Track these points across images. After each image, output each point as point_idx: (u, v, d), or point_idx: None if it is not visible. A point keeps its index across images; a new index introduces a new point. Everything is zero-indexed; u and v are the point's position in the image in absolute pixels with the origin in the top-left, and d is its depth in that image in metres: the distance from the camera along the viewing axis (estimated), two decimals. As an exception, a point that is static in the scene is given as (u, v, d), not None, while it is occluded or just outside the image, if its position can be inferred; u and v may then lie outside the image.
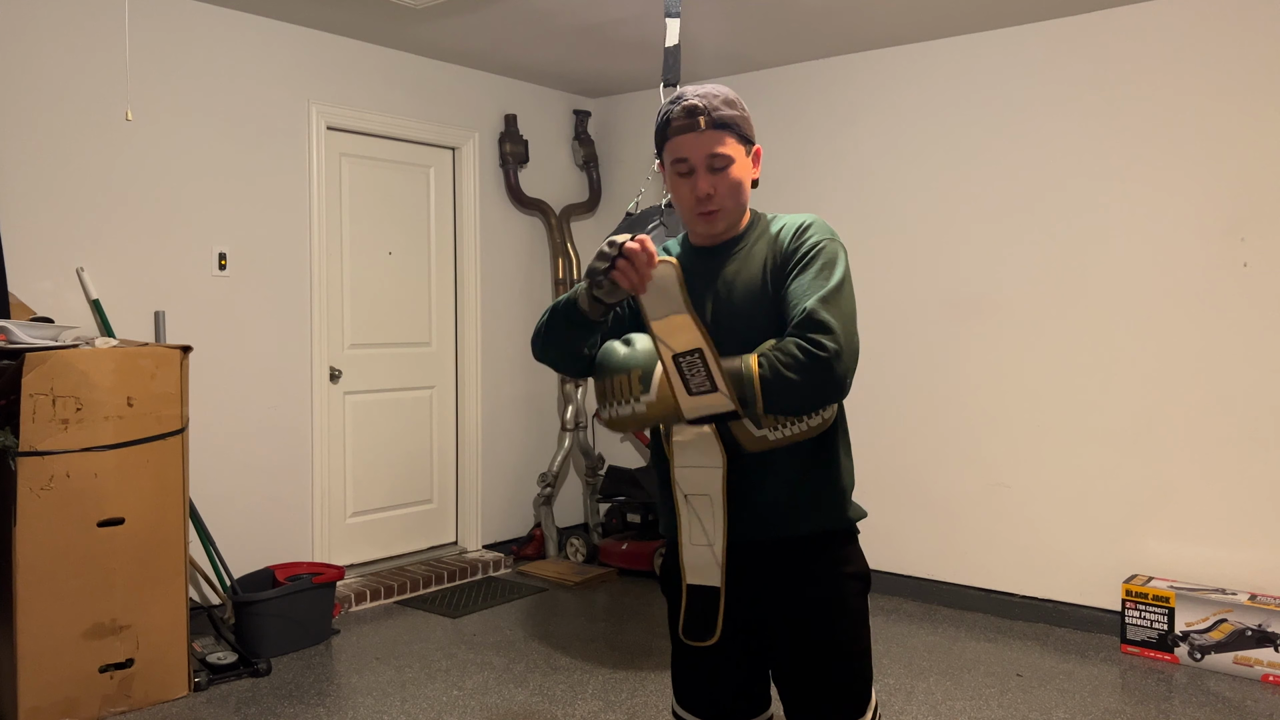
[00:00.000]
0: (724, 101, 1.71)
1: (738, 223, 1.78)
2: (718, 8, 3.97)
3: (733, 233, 1.78)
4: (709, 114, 1.68)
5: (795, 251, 1.69)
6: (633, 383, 1.63)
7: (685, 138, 1.69)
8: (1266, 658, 3.53)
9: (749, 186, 1.76)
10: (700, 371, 1.58)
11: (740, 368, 1.58)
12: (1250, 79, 3.68)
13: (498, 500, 5.21)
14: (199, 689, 3.40)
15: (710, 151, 1.68)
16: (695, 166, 1.69)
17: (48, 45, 3.57)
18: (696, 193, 1.70)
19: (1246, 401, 3.71)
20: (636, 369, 1.63)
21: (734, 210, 1.74)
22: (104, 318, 3.65)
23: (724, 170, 1.70)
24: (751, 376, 1.56)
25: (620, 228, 3.64)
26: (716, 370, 1.57)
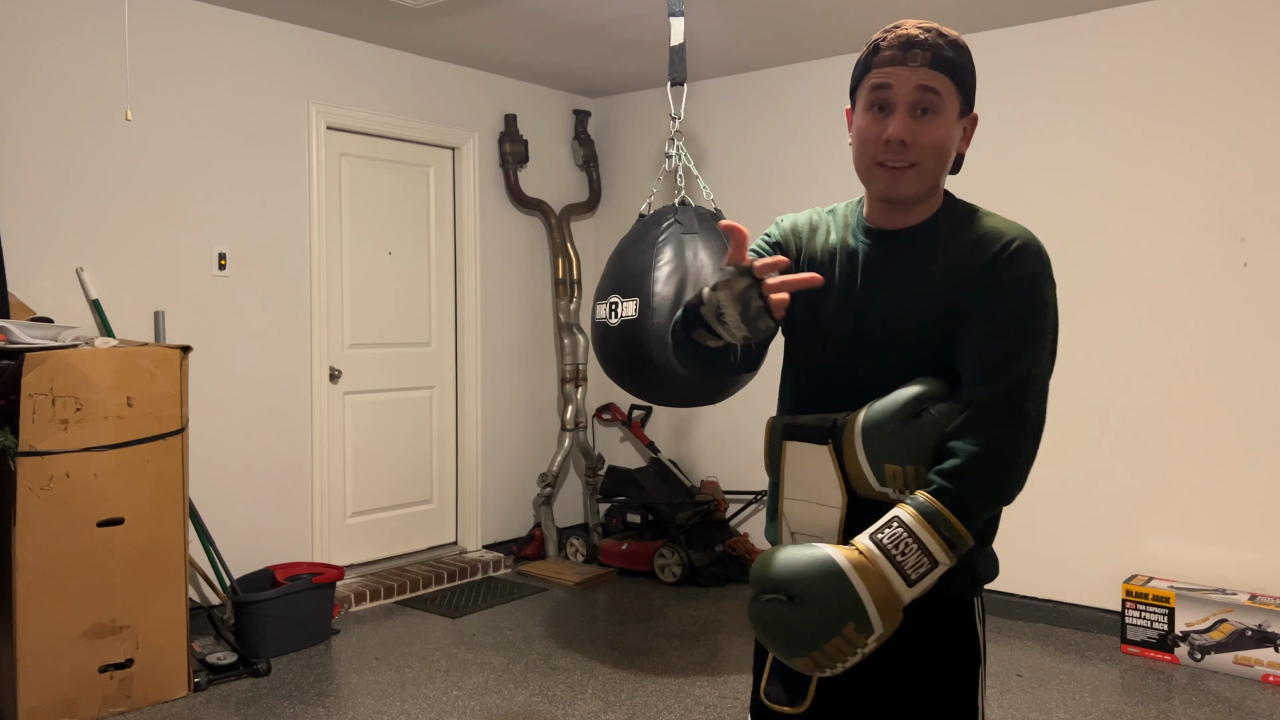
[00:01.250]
0: (952, 44, 1.38)
1: (928, 201, 1.43)
2: (718, 8, 3.97)
3: (916, 219, 1.44)
4: (932, 50, 1.36)
5: (995, 283, 1.35)
6: (851, 638, 1.26)
7: (894, 69, 1.37)
8: (1266, 658, 3.53)
9: (951, 156, 1.41)
10: (911, 546, 1.27)
11: (935, 523, 1.27)
12: (1250, 79, 3.68)
13: (498, 500, 5.21)
14: (199, 689, 3.40)
15: (918, 94, 1.36)
16: (896, 102, 1.37)
17: (48, 45, 3.56)
18: (888, 134, 1.36)
19: (1247, 401, 3.71)
20: (847, 621, 1.25)
21: (930, 174, 1.39)
22: (104, 318, 3.65)
23: (931, 116, 1.37)
24: (954, 529, 1.27)
25: (634, 229, 3.61)
26: (926, 534, 1.26)
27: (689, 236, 3.42)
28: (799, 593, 1.27)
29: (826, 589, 1.26)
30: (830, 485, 1.38)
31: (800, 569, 1.28)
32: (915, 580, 1.26)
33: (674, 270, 3.36)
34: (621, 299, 3.41)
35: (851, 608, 1.25)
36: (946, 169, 1.42)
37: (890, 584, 1.25)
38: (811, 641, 1.26)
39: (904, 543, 1.26)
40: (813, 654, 1.27)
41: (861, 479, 1.36)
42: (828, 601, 1.25)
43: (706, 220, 3.51)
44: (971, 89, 1.41)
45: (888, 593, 1.25)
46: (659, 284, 3.34)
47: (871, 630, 1.25)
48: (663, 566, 4.78)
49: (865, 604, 1.24)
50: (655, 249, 3.41)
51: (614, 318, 3.42)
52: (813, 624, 1.26)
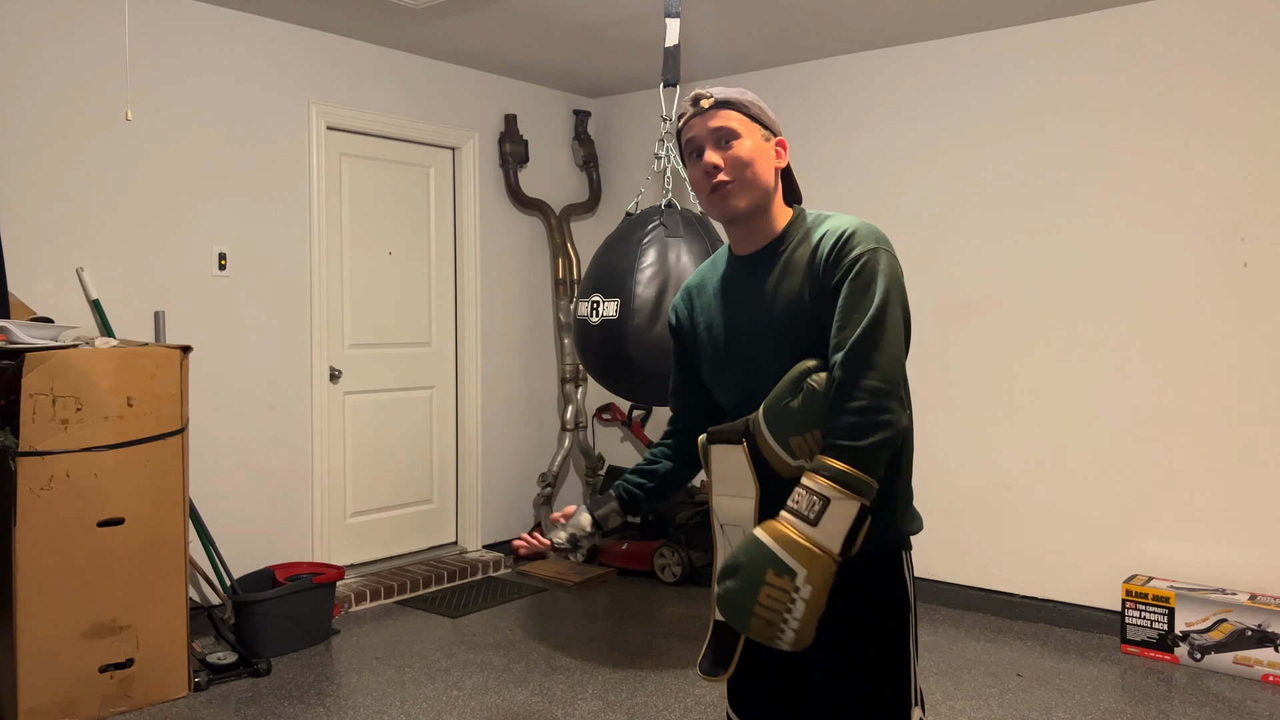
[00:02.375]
0: (734, 91, 1.68)
1: (766, 218, 1.67)
2: (717, 8, 3.97)
3: (767, 237, 1.68)
4: (712, 96, 1.66)
5: (836, 268, 1.57)
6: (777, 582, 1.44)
7: (692, 121, 1.67)
8: (1266, 658, 3.53)
9: (769, 171, 1.65)
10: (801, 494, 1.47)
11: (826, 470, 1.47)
12: (1251, 79, 3.68)
13: (498, 500, 5.21)
14: (199, 689, 3.40)
15: (716, 126, 1.64)
16: (702, 145, 1.65)
17: (48, 45, 3.57)
18: (704, 165, 1.63)
19: (1246, 401, 3.71)
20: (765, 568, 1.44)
21: (749, 187, 1.63)
22: (104, 318, 3.65)
23: (731, 144, 1.63)
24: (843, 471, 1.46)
25: (620, 228, 3.64)
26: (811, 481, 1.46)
27: (673, 240, 3.44)
28: (729, 567, 1.50)
29: (741, 552, 1.49)
30: (745, 478, 1.59)
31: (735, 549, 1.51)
32: (814, 519, 1.44)
33: (656, 273, 3.37)
34: (603, 298, 3.44)
35: (763, 556, 1.45)
36: (768, 182, 1.65)
37: (793, 526, 1.45)
38: (747, 599, 1.46)
39: (797, 496, 1.47)
40: (756, 610, 1.45)
41: (778, 459, 1.56)
42: (744, 561, 1.47)
43: (691, 224, 3.54)
44: (763, 118, 1.67)
45: (791, 534, 1.45)
46: (640, 286, 3.36)
47: (790, 570, 1.43)
48: (663, 566, 4.79)
49: (773, 548, 1.45)
50: (639, 251, 3.43)
51: (595, 316, 3.45)
52: (742, 585, 1.46)
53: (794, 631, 1.46)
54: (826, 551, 1.44)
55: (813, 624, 1.45)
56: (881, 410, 1.47)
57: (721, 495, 1.63)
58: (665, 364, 1.95)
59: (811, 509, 1.45)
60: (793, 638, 1.46)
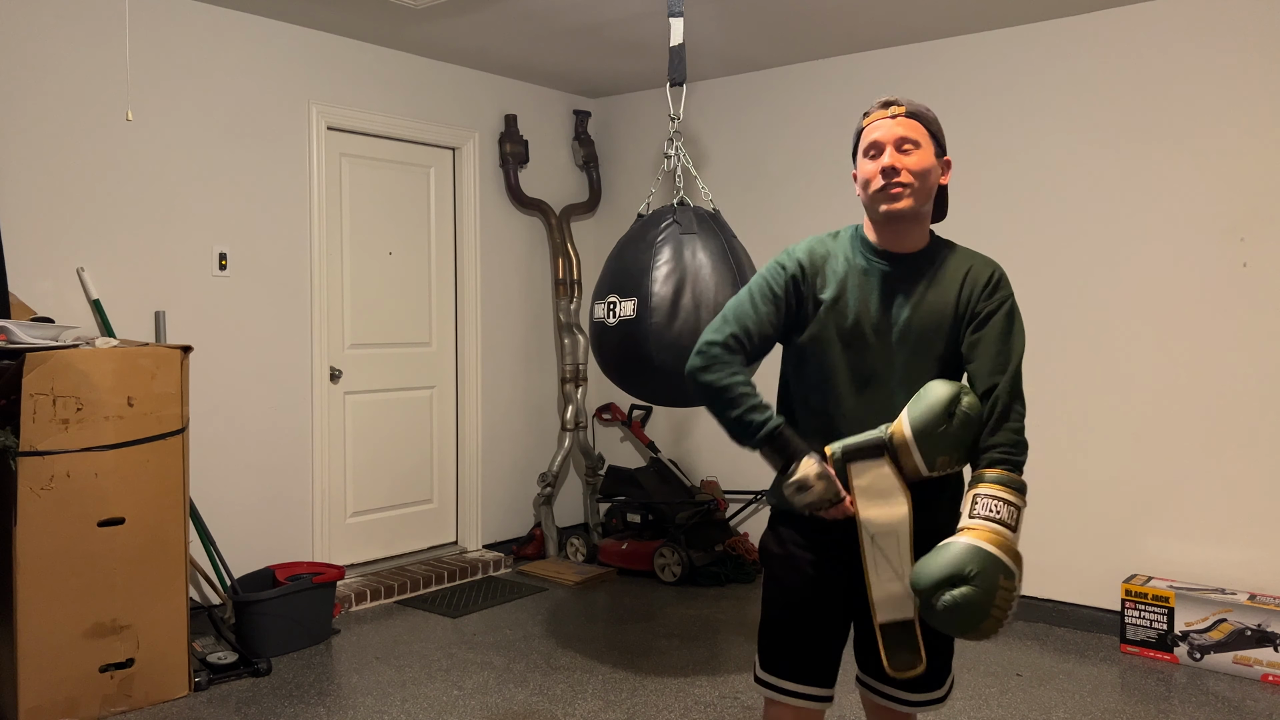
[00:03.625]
0: (922, 105, 1.86)
1: (920, 227, 1.87)
2: (718, 8, 3.98)
3: (916, 244, 1.88)
4: (903, 104, 1.83)
5: (989, 299, 1.84)
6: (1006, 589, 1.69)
7: (879, 122, 1.83)
8: (1266, 658, 3.53)
9: (934, 185, 1.85)
10: (1000, 507, 1.73)
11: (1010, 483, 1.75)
12: (1250, 79, 3.68)
13: (498, 500, 5.21)
14: (199, 689, 3.40)
15: (900, 135, 1.81)
16: (884, 146, 1.81)
17: (48, 45, 3.57)
18: (883, 165, 1.80)
19: (1246, 401, 3.71)
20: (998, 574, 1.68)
21: (919, 195, 1.82)
22: (104, 318, 3.65)
23: (911, 153, 1.81)
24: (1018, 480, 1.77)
25: (632, 229, 3.61)
26: (1004, 493, 1.74)
27: (687, 237, 3.42)
28: (967, 571, 1.67)
29: (971, 562, 1.67)
30: (895, 490, 1.78)
31: (954, 558, 1.68)
32: (1015, 526, 1.70)
33: (672, 270, 3.36)
34: (619, 299, 3.42)
35: (994, 564, 1.67)
36: (931, 195, 1.85)
37: (1004, 536, 1.69)
38: (986, 602, 1.66)
39: (994, 507, 1.71)
40: (993, 612, 1.66)
41: (915, 471, 1.78)
42: (978, 570, 1.66)
43: (705, 221, 3.51)
44: (941, 136, 1.86)
45: (1007, 543, 1.69)
46: (657, 284, 3.34)
47: (1013, 574, 1.68)
48: (663, 566, 4.79)
49: (999, 556, 1.67)
50: (653, 249, 3.41)
51: (611, 317, 3.43)
52: (982, 591, 1.66)
53: (1009, 622, 1.71)
54: (1021, 562, 1.70)
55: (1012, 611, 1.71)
56: (1023, 430, 1.80)
57: (871, 507, 1.79)
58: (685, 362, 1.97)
59: (1012, 518, 1.71)
60: (1003, 628, 1.71)
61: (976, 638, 1.71)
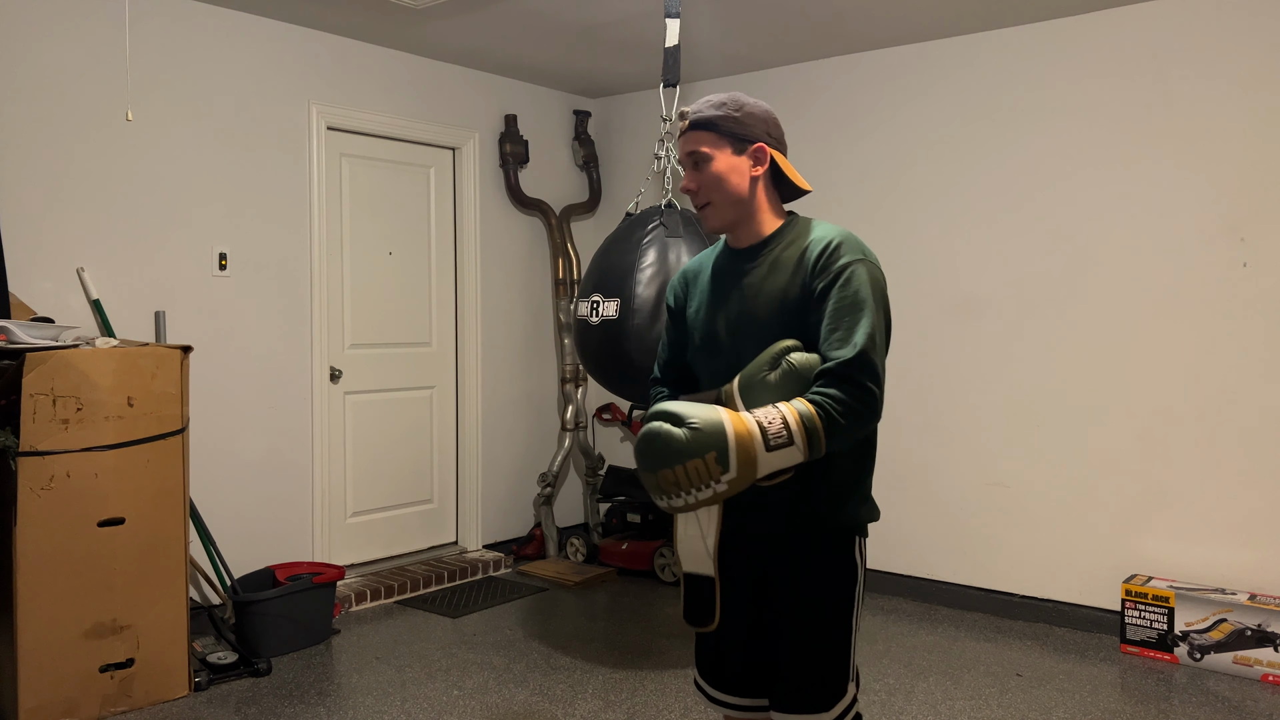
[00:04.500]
0: (712, 104, 1.80)
1: (751, 224, 1.81)
2: (718, 8, 3.98)
3: (757, 237, 1.82)
4: (692, 115, 1.79)
5: (823, 273, 1.70)
6: (710, 466, 1.56)
7: (680, 139, 1.83)
8: (1266, 658, 3.53)
9: (742, 184, 1.78)
10: (776, 420, 1.58)
11: (801, 414, 1.58)
12: (1251, 79, 3.68)
13: (498, 500, 5.21)
14: (199, 689, 3.40)
15: (689, 149, 1.79)
16: (685, 165, 1.81)
17: (48, 45, 3.57)
18: (683, 188, 1.81)
19: (1246, 401, 3.71)
20: (710, 450, 1.56)
21: (724, 206, 1.78)
22: (104, 318, 3.65)
23: (703, 167, 1.78)
24: (816, 428, 1.58)
25: (620, 228, 3.64)
26: (791, 416, 1.58)
27: (673, 240, 3.45)
28: (685, 418, 1.59)
29: (705, 419, 1.58)
30: None
31: (693, 409, 1.61)
32: (773, 446, 1.56)
33: (656, 273, 3.39)
34: (603, 298, 3.45)
35: (718, 439, 1.55)
36: (741, 197, 1.78)
37: (753, 438, 1.56)
38: (678, 455, 1.56)
39: (772, 418, 1.57)
40: (676, 470, 1.56)
41: None
42: (702, 427, 1.56)
43: (691, 224, 3.54)
44: (739, 129, 1.77)
45: (748, 444, 1.55)
46: (641, 286, 3.37)
47: (727, 467, 1.55)
48: (663, 566, 4.79)
49: (730, 442, 1.55)
50: (639, 250, 3.44)
51: (595, 316, 3.46)
52: (685, 441, 1.56)
53: (682, 503, 1.61)
54: (757, 474, 1.58)
55: (732, 493, 1.59)
56: (866, 407, 1.62)
57: None
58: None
59: (777, 439, 1.56)
60: (677, 505, 1.61)
61: (650, 489, 1.62)
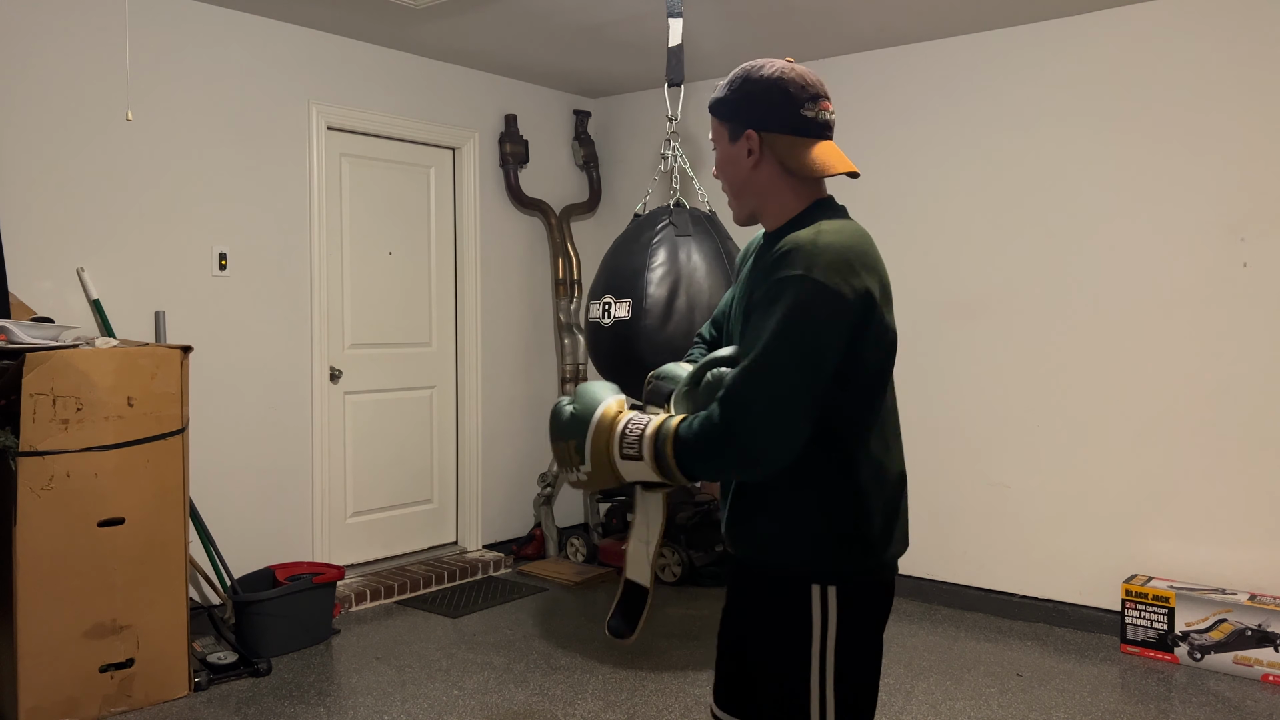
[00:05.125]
0: (722, 85, 1.66)
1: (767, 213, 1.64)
2: (718, 8, 3.97)
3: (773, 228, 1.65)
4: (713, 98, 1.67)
5: (763, 282, 1.50)
6: (571, 452, 1.57)
7: None
8: (1266, 658, 3.53)
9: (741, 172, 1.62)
10: (636, 432, 1.51)
11: (658, 430, 1.49)
12: (1251, 79, 3.68)
13: (498, 500, 5.21)
14: (199, 689, 3.40)
15: (711, 137, 1.69)
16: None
17: (48, 45, 3.56)
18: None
19: (1246, 401, 3.71)
20: (572, 438, 1.57)
21: (735, 196, 1.66)
22: (104, 318, 3.65)
23: (718, 154, 1.68)
24: (665, 449, 1.46)
25: (628, 230, 3.63)
26: (650, 435, 1.49)
27: (682, 239, 3.45)
28: (575, 400, 1.61)
29: (585, 406, 1.57)
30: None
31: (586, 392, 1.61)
32: (623, 455, 1.51)
33: (667, 273, 3.39)
34: (615, 299, 3.45)
35: (580, 430, 1.56)
36: (748, 187, 1.63)
37: (609, 440, 1.53)
38: (555, 433, 1.60)
39: (637, 426, 1.51)
40: (555, 444, 1.61)
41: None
42: (577, 413, 1.58)
43: (700, 222, 3.54)
44: (734, 112, 1.60)
45: (603, 445, 1.54)
46: (652, 285, 3.37)
47: (582, 459, 1.55)
48: (663, 566, 4.79)
49: (586, 437, 1.54)
50: (649, 251, 3.44)
51: (607, 318, 3.46)
52: (562, 421, 1.60)
53: (567, 480, 1.64)
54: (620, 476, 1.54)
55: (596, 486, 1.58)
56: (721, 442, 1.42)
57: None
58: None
59: (629, 449, 1.51)
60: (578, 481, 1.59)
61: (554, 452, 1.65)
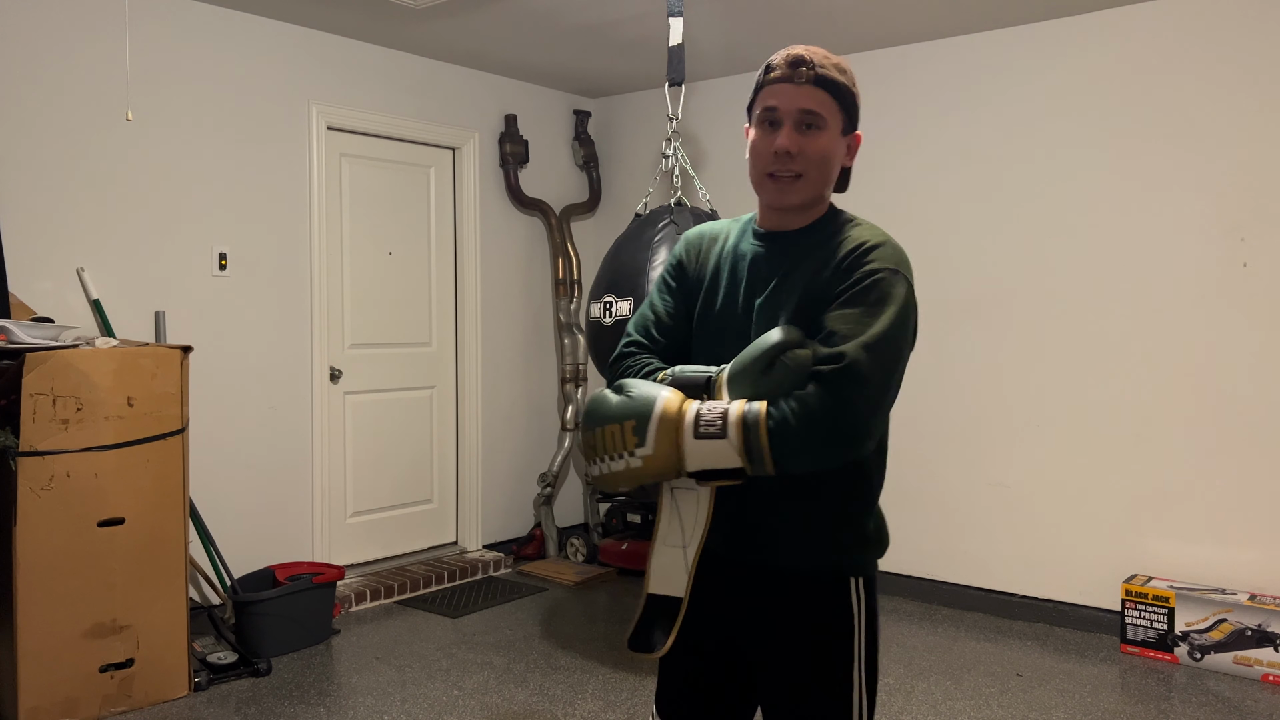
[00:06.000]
0: (835, 65, 1.53)
1: (812, 209, 1.58)
2: (718, 8, 3.98)
3: (798, 224, 1.58)
4: (813, 67, 1.50)
5: (849, 274, 1.48)
6: (626, 435, 1.43)
7: (782, 87, 1.52)
8: (1266, 658, 3.53)
9: (835, 170, 1.56)
10: (716, 413, 1.40)
11: (745, 410, 1.39)
12: (1250, 79, 3.68)
13: (498, 500, 5.21)
14: (199, 689, 3.40)
15: (803, 106, 1.50)
16: (783, 119, 1.52)
17: (48, 45, 3.56)
18: (776, 146, 1.51)
19: (1246, 401, 3.71)
20: (630, 419, 1.43)
21: (814, 185, 1.54)
22: (104, 318, 3.65)
23: (814, 132, 1.51)
24: (759, 427, 1.37)
25: (629, 229, 3.63)
26: (735, 418, 1.39)
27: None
28: (630, 387, 1.48)
29: (643, 391, 1.46)
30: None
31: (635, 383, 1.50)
32: (702, 434, 1.39)
33: None
34: (616, 298, 3.45)
35: (642, 410, 1.43)
36: (830, 181, 1.57)
37: (680, 421, 1.42)
38: (603, 419, 1.46)
39: (714, 410, 1.41)
40: (596, 429, 1.47)
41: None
42: (635, 397, 1.45)
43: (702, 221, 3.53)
44: (853, 108, 1.55)
45: (672, 422, 1.41)
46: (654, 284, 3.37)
47: (643, 439, 1.42)
48: (663, 566, 4.78)
49: (653, 415, 1.42)
50: (650, 250, 3.44)
51: (608, 317, 3.46)
52: (612, 405, 1.46)
53: (598, 471, 1.48)
54: (684, 461, 1.42)
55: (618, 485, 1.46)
56: (835, 420, 1.38)
57: None
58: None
59: (708, 427, 1.40)
60: (593, 472, 1.49)
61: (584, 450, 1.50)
